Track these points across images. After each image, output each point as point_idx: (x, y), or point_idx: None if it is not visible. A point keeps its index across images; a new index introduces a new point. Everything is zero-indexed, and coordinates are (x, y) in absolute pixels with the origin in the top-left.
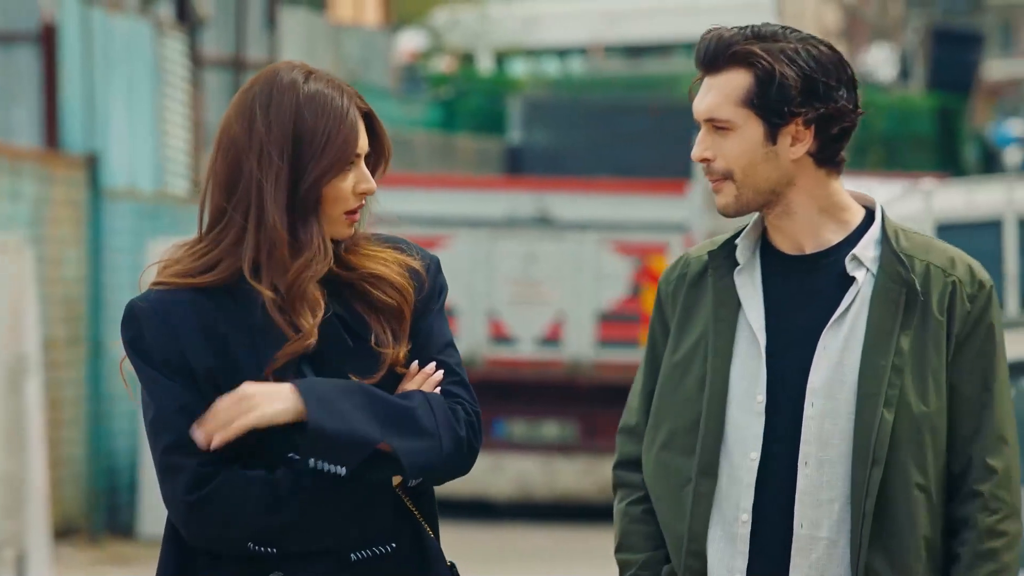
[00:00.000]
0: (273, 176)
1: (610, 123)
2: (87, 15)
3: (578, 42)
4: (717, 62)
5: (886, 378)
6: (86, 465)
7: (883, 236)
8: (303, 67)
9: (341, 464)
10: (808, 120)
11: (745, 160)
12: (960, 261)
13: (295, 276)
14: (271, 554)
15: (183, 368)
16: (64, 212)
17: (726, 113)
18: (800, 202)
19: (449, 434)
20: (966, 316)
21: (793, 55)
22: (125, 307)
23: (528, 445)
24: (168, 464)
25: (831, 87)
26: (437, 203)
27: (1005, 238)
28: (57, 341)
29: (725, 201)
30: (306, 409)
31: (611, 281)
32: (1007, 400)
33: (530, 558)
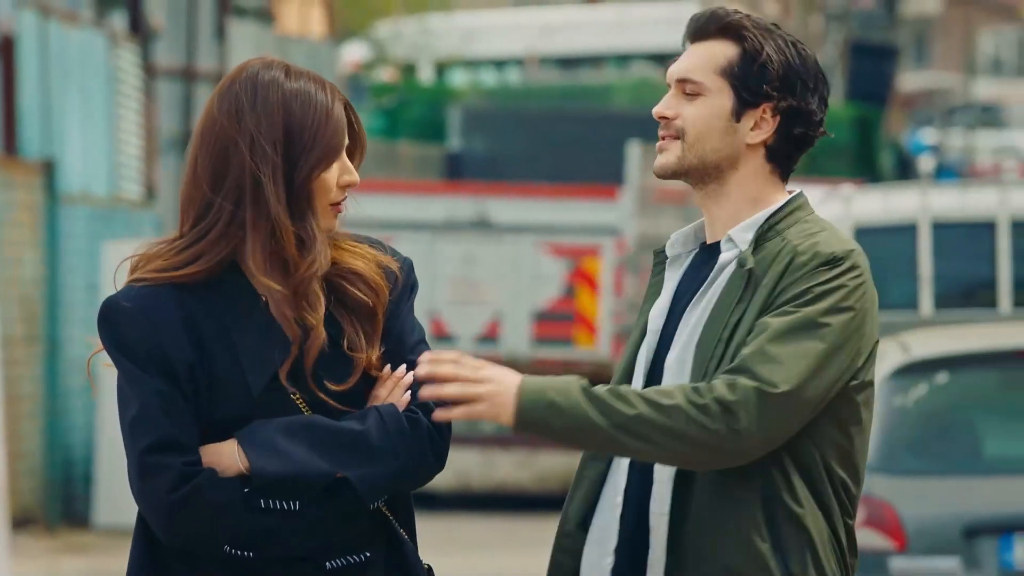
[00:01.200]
0: (269, 170)
1: (545, 131)
2: (44, 27)
3: (515, 54)
4: (707, 30)
5: (714, 350)
6: (43, 458)
7: (766, 219)
8: (280, 63)
9: (294, 500)
10: (777, 109)
11: (703, 125)
12: (818, 242)
13: (304, 272)
14: (247, 558)
15: (164, 363)
16: (22, 216)
17: (701, 76)
18: (735, 188)
19: (406, 450)
20: (789, 281)
21: (783, 45)
22: (103, 304)
23: (467, 438)
24: (150, 463)
25: (808, 89)
26: (380, 207)
27: (920, 241)
28: (15, 339)
29: (665, 161)
30: (249, 460)
31: (546, 282)
32: (798, 356)
33: (470, 546)
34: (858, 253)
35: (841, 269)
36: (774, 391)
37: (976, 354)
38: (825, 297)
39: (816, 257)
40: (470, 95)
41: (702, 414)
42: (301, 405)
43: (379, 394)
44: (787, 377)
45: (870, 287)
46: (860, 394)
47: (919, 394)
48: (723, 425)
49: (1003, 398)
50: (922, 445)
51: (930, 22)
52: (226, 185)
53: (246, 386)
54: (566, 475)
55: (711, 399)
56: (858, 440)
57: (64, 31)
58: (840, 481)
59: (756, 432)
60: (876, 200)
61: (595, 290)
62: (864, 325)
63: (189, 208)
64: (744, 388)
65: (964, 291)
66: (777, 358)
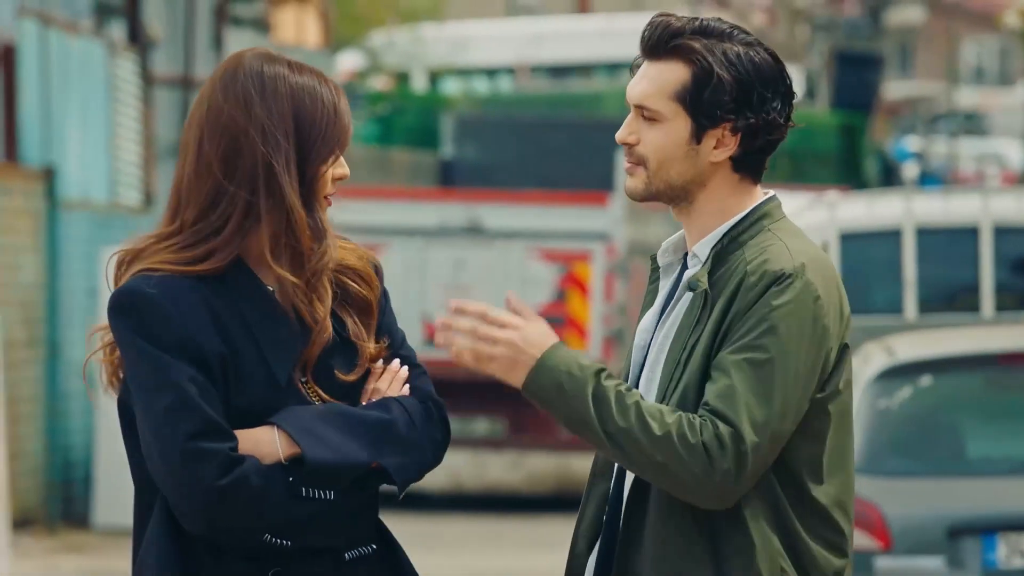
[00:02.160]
0: (283, 159)
1: (536, 138)
2: (44, 36)
3: (506, 62)
4: (658, 50)
5: (673, 372)
6: (43, 459)
7: (726, 231)
8: (281, 57)
9: (331, 489)
10: (736, 127)
11: (665, 153)
12: (767, 259)
13: (317, 264)
14: (285, 547)
15: (197, 353)
16: (22, 221)
17: (656, 104)
18: (704, 203)
19: (430, 442)
20: (740, 305)
21: (734, 59)
22: (123, 292)
23: (459, 440)
24: (195, 450)
25: (765, 98)
26: (374, 213)
27: (904, 247)
28: (16, 342)
29: (634, 185)
30: (301, 447)
31: (537, 286)
32: (766, 397)
33: (461, 545)
34: (809, 267)
35: (788, 288)
36: (753, 442)
37: (959, 357)
38: (777, 324)
39: (764, 277)
40: (462, 103)
41: (688, 454)
42: (313, 396)
43: (378, 388)
44: (762, 423)
45: (826, 297)
46: (830, 402)
47: (903, 396)
48: (703, 472)
49: (986, 400)
50: (906, 446)
51: (914, 32)
52: (238, 174)
53: (271, 377)
54: (557, 477)
55: (699, 443)
56: (827, 445)
57: (64, 40)
58: (798, 486)
59: (735, 484)
60: (861, 206)
61: (586, 295)
62: (823, 339)
63: (194, 197)
64: (726, 441)
65: (947, 295)
66: (748, 404)
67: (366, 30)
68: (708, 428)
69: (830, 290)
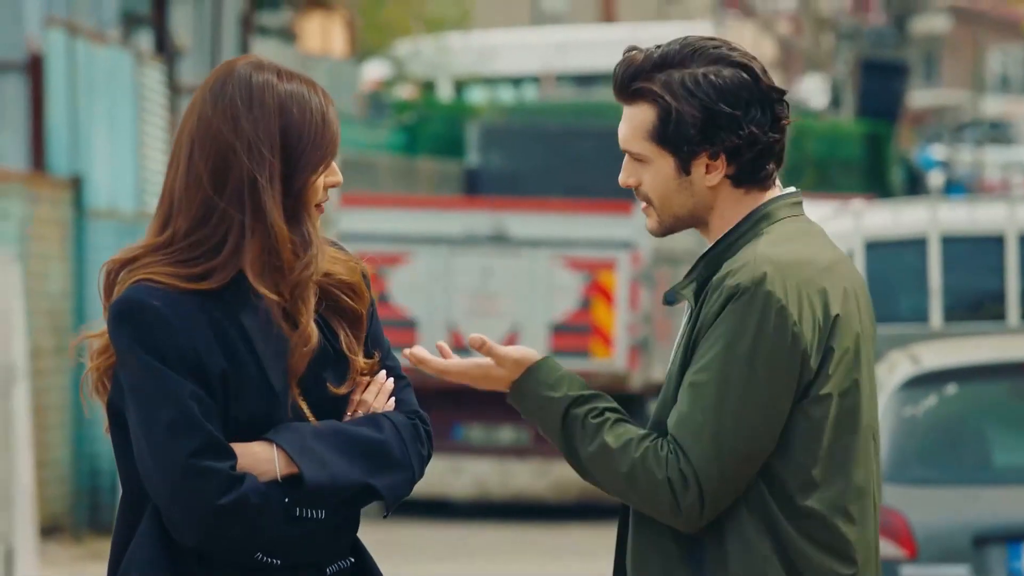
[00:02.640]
0: (267, 173)
1: (561, 147)
2: (72, 46)
3: (531, 71)
4: (625, 94)
5: (669, 386)
6: (70, 466)
7: (717, 241)
8: (271, 64)
9: (324, 509)
10: (715, 152)
11: (661, 190)
12: (731, 272)
13: (298, 277)
14: (273, 565)
15: (199, 369)
16: (50, 230)
17: (637, 147)
18: (717, 222)
19: (418, 460)
20: (703, 320)
21: (693, 87)
22: (125, 300)
23: (485, 448)
24: (198, 467)
25: (735, 116)
26: (400, 221)
27: (929, 255)
28: (43, 350)
29: (650, 225)
30: (301, 469)
31: (563, 294)
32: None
33: (486, 553)
34: (773, 275)
35: (744, 303)
36: (710, 476)
37: (985, 365)
38: (731, 343)
39: (722, 292)
40: (488, 112)
41: (654, 491)
42: (304, 408)
43: (365, 400)
44: (718, 453)
45: (795, 303)
46: (816, 408)
47: (929, 405)
48: (670, 508)
49: (1012, 408)
50: (932, 455)
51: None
52: (228, 190)
53: (269, 390)
54: (582, 485)
55: (665, 479)
56: (822, 451)
57: (91, 50)
58: (788, 493)
59: (700, 516)
60: (886, 215)
61: (611, 303)
62: (792, 348)
63: (184, 207)
64: (688, 476)
65: (973, 304)
66: (703, 434)
67: (392, 39)
68: (672, 463)
69: (802, 295)
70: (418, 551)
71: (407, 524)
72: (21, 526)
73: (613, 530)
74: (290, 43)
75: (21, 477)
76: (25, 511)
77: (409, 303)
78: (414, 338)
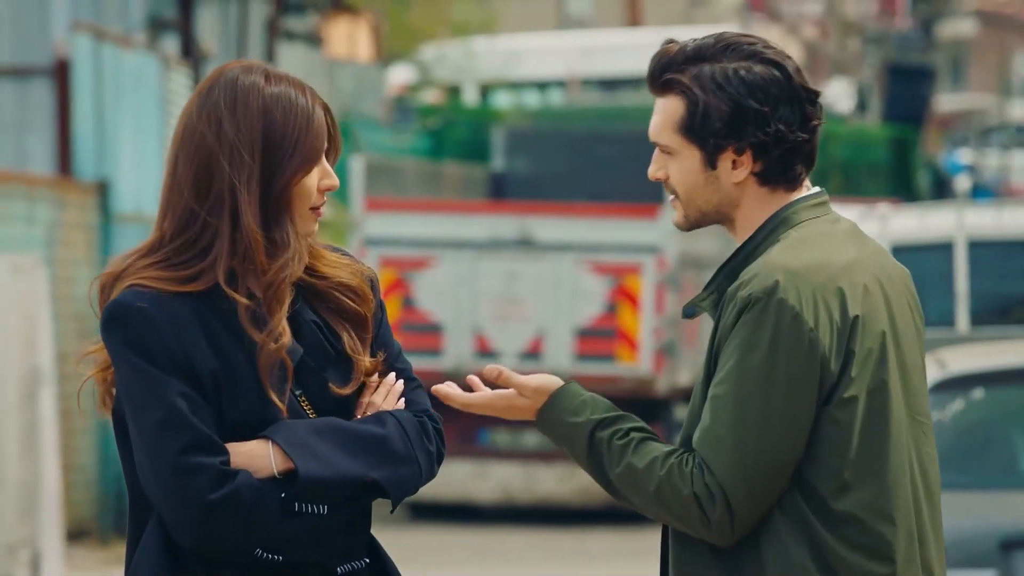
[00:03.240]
0: (245, 177)
1: (587, 151)
2: (98, 50)
3: (557, 75)
4: (656, 86)
5: (696, 399)
6: (97, 471)
7: (739, 248)
8: (260, 67)
9: (325, 504)
10: (741, 148)
11: (687, 184)
12: (745, 281)
13: (272, 278)
14: (276, 561)
15: (189, 369)
16: (76, 235)
17: (666, 139)
18: (743, 221)
19: (424, 455)
20: (722, 332)
21: (723, 81)
22: (115, 305)
23: (510, 453)
24: (187, 464)
25: (763, 113)
26: (426, 226)
27: (956, 259)
28: (69, 355)
29: (676, 219)
30: (294, 462)
31: (588, 299)
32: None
33: (512, 558)
34: (785, 282)
35: (757, 313)
36: (736, 489)
37: (1012, 370)
38: (747, 355)
39: (736, 304)
40: (513, 116)
41: (682, 507)
42: (306, 407)
43: (374, 401)
44: (742, 465)
45: (809, 309)
46: (842, 412)
47: (956, 409)
48: (699, 523)
49: None
50: (959, 459)
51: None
52: (211, 198)
53: (261, 389)
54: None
55: (691, 494)
56: (852, 453)
57: (118, 55)
58: (821, 498)
59: (732, 530)
60: (913, 219)
61: (636, 307)
62: (810, 354)
63: (170, 213)
64: (714, 491)
65: (1000, 308)
66: (725, 447)
67: (418, 44)
68: (698, 477)
69: (817, 300)
70: (443, 556)
71: (432, 528)
72: (48, 530)
73: (638, 535)
74: (316, 48)
75: (48, 481)
76: (52, 515)
77: (434, 307)
78: (439, 343)
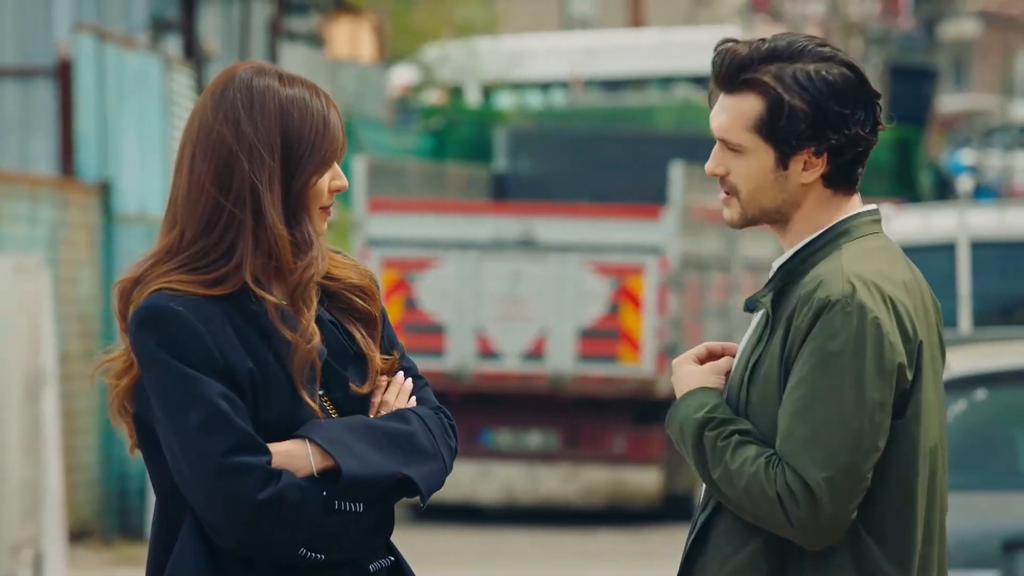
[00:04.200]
0: (266, 176)
1: (590, 152)
2: (101, 51)
3: (559, 76)
4: (730, 83)
5: (738, 392)
6: (99, 471)
7: (798, 250)
8: (272, 69)
9: (361, 502)
10: (819, 150)
11: (754, 183)
12: (819, 285)
13: (299, 277)
14: (318, 560)
15: (227, 371)
16: (79, 235)
17: (737, 137)
18: (800, 221)
19: (447, 451)
20: (796, 334)
21: (806, 82)
22: (147, 307)
23: (513, 453)
24: (234, 465)
25: (844, 115)
26: (428, 227)
27: (958, 260)
28: (72, 355)
29: (730, 216)
30: (337, 460)
31: (591, 299)
32: (823, 420)
33: (515, 559)
34: (861, 289)
35: (837, 317)
36: (822, 487)
37: (1014, 371)
38: (829, 358)
39: (812, 306)
40: (516, 117)
41: (768, 507)
42: (329, 407)
43: (386, 400)
44: (828, 464)
45: (887, 317)
46: (906, 409)
47: (958, 410)
48: (782, 523)
49: None
50: (961, 460)
51: (968, 45)
52: (232, 194)
53: (293, 390)
54: (611, 489)
55: (775, 494)
56: (893, 450)
57: (120, 55)
58: (870, 496)
59: (817, 531)
60: (915, 219)
61: (639, 308)
62: (889, 361)
63: (191, 213)
64: (796, 491)
65: (1002, 309)
66: (810, 447)
67: (420, 44)
68: (781, 478)
69: (891, 310)
70: (446, 556)
71: (436, 529)
72: (50, 531)
73: (640, 536)
74: (318, 48)
75: (50, 482)
76: (54, 516)
77: (437, 308)
78: (442, 343)
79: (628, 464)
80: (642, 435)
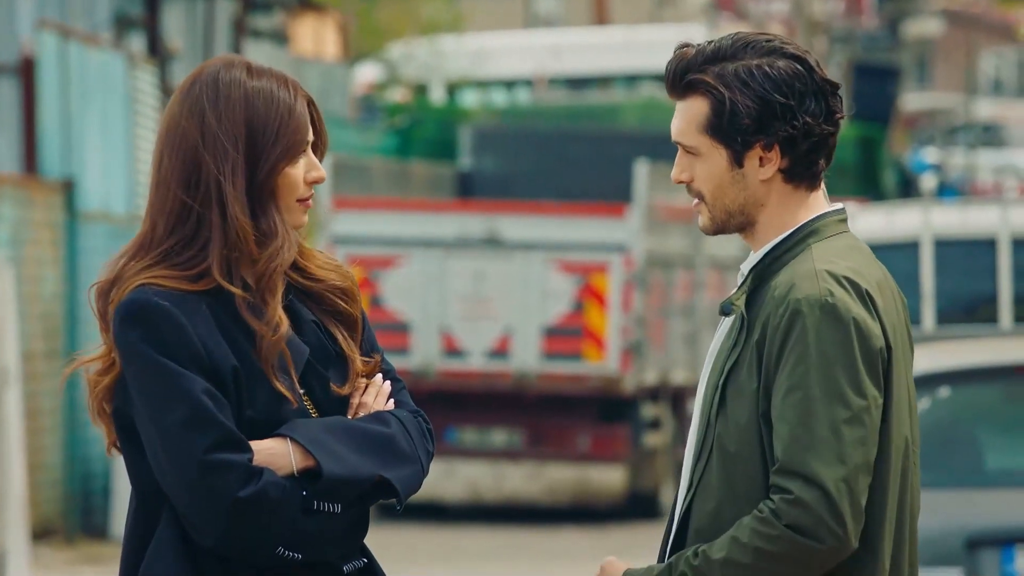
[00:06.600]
0: (229, 168)
1: (554, 150)
2: (64, 48)
3: (524, 74)
4: (677, 89)
5: (713, 396)
6: (63, 470)
7: (769, 251)
8: (243, 62)
9: (339, 503)
10: (769, 143)
11: (713, 184)
12: (792, 288)
13: (264, 266)
14: (295, 560)
15: (211, 367)
16: (42, 234)
17: (691, 140)
18: (765, 222)
19: (425, 455)
20: (772, 339)
21: (747, 77)
22: (132, 302)
23: (478, 451)
24: (215, 462)
25: (790, 107)
26: (393, 224)
27: (922, 258)
28: (36, 354)
29: (703, 223)
30: (318, 461)
31: (556, 298)
32: (814, 425)
33: (480, 557)
34: (837, 290)
35: (817, 319)
36: (835, 482)
37: (977, 369)
38: (816, 358)
39: (789, 305)
40: (481, 115)
41: (787, 549)
42: (310, 407)
43: (365, 402)
44: (836, 460)
45: (860, 313)
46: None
47: (922, 408)
48: (809, 543)
49: (1004, 412)
50: (925, 458)
51: (932, 44)
52: (200, 191)
53: (274, 387)
54: (575, 488)
55: (783, 529)
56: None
57: (84, 52)
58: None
59: (845, 532)
60: (879, 218)
61: (604, 306)
62: (874, 356)
63: (160, 211)
64: (808, 500)
65: (965, 307)
66: (814, 448)
67: (385, 42)
68: (782, 507)
69: (867, 307)
70: (411, 554)
71: (400, 527)
72: (13, 530)
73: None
74: (283, 46)
75: (13, 481)
76: (17, 515)
77: (402, 306)
78: (407, 341)
79: (593, 462)
80: (607, 433)
